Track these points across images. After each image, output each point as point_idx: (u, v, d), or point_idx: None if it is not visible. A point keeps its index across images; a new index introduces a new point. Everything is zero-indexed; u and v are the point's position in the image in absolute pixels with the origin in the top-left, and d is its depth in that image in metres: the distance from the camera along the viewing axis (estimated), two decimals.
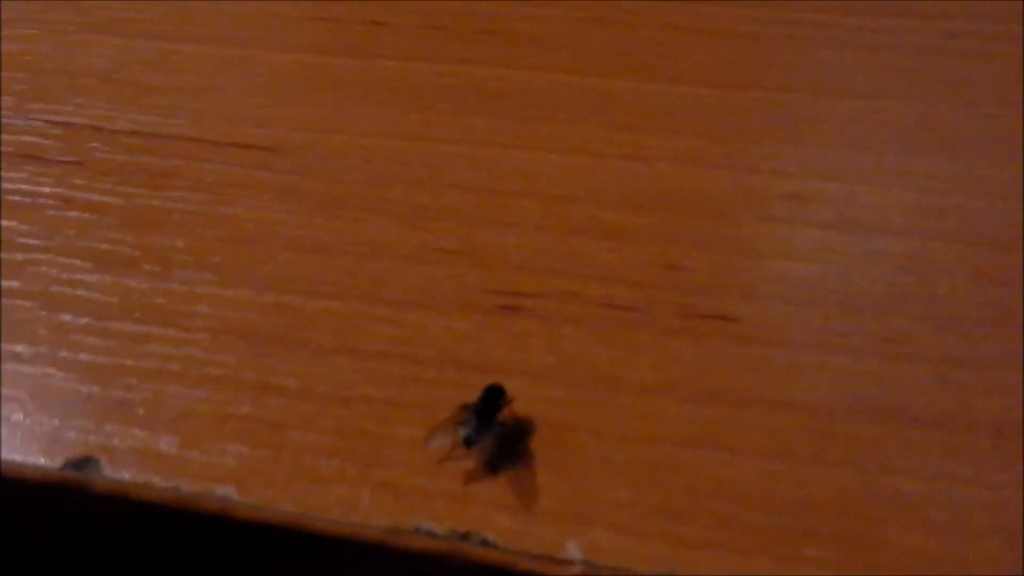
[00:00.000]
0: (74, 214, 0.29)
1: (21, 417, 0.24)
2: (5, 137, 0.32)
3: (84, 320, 0.26)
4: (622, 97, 0.33)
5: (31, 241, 0.29)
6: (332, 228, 0.29)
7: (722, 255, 0.28)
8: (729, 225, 0.28)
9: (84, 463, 0.23)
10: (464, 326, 0.26)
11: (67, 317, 0.26)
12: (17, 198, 0.30)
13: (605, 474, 0.23)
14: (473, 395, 0.23)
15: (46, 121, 0.33)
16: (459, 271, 0.27)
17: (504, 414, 0.23)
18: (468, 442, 0.22)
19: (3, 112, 0.33)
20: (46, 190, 0.30)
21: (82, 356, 0.26)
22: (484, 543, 0.21)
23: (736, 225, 0.28)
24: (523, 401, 0.24)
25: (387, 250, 0.28)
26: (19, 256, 0.28)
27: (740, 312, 0.26)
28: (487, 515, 0.22)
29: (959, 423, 0.23)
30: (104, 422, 0.24)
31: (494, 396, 0.23)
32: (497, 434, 0.23)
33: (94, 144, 0.32)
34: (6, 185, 0.30)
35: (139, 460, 0.23)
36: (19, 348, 0.26)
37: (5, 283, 0.28)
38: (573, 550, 0.21)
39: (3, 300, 0.27)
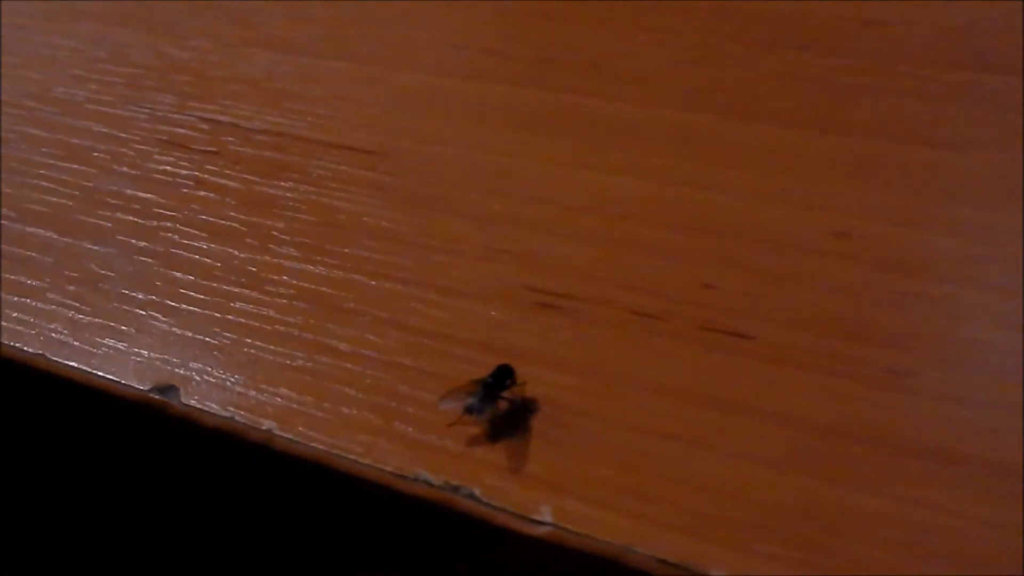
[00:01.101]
0: (202, 193, 0.35)
1: (124, 347, 0.29)
2: (163, 128, 0.38)
3: (191, 278, 0.31)
4: (700, 131, 0.35)
5: (164, 212, 0.34)
6: (411, 223, 0.32)
7: (757, 281, 0.29)
8: (773, 255, 0.30)
9: (166, 389, 0.28)
10: (502, 316, 0.29)
11: (178, 274, 0.31)
12: (160, 177, 0.36)
13: (593, 454, 0.25)
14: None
15: (198, 117, 0.39)
16: (510, 269, 0.30)
17: (513, 392, 0.26)
18: (471, 410, 0.25)
19: (167, 108, 0.39)
20: (184, 172, 0.36)
21: (183, 306, 0.30)
22: (470, 496, 0.24)
23: (780, 255, 0.30)
24: (536, 384, 0.26)
25: (452, 246, 0.31)
26: (153, 223, 0.34)
27: (758, 332, 0.27)
28: (479, 474, 0.25)
29: (940, 456, 0.24)
30: (188, 359, 0.29)
31: (503, 374, 0.26)
32: (501, 407, 0.26)
33: (230, 138, 0.37)
34: (154, 166, 0.36)
35: (209, 392, 0.28)
36: (137, 295, 0.31)
37: (138, 243, 0.33)
38: (545, 513, 0.24)
39: (133, 256, 0.32)
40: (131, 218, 0.34)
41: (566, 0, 0.44)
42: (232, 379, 0.28)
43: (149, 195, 0.35)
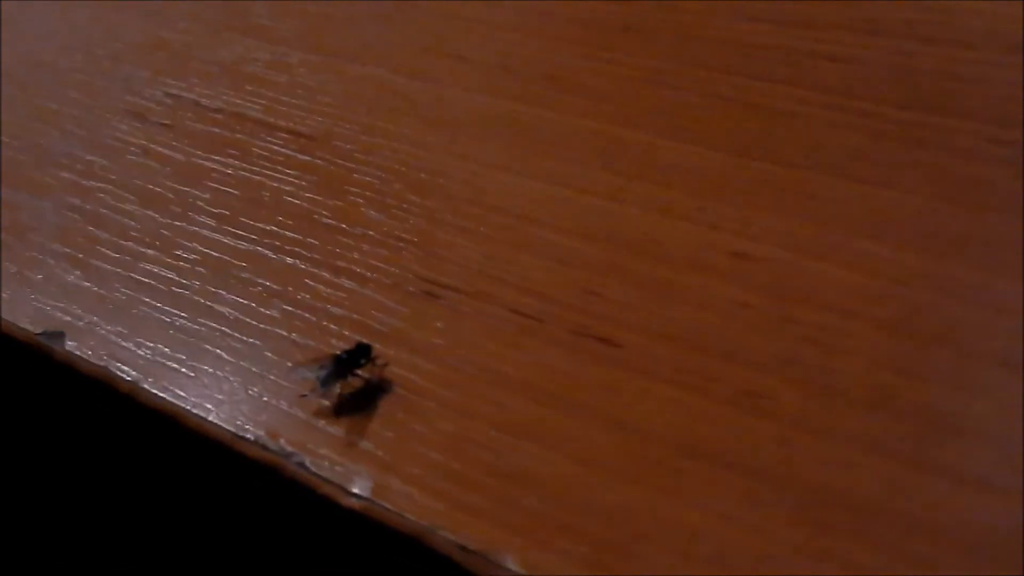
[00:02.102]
0: (144, 161, 0.36)
1: (28, 292, 0.31)
2: (129, 99, 0.40)
3: (109, 236, 0.33)
4: (632, 147, 0.35)
5: (105, 174, 0.36)
6: (329, 206, 0.33)
7: (641, 292, 0.29)
8: (665, 269, 0.30)
9: (54, 335, 0.29)
10: (386, 300, 0.29)
11: (99, 232, 0.33)
12: (112, 143, 0.37)
13: (429, 438, 0.25)
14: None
15: (164, 92, 0.40)
16: (407, 258, 0.31)
17: (371, 371, 0.27)
18: (321, 383, 0.26)
19: (139, 82, 0.41)
20: (135, 141, 0.37)
21: (94, 261, 0.32)
22: (300, 464, 0.25)
23: (671, 270, 0.30)
24: (396, 367, 0.27)
25: (360, 230, 0.32)
26: (91, 183, 0.35)
27: (626, 340, 0.28)
28: (313, 444, 0.25)
29: (770, 479, 0.24)
30: (84, 311, 0.30)
31: (359, 353, 0.26)
32: (353, 384, 0.26)
33: (188, 114, 0.39)
34: (110, 133, 0.38)
35: (91, 342, 0.29)
36: (55, 246, 0.32)
37: (71, 200, 0.34)
38: (363, 487, 0.24)
39: (64, 212, 0.34)
40: (73, 177, 0.36)
41: (538, 15, 0.44)
42: (116, 332, 0.29)
43: (95, 158, 0.36)
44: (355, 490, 0.24)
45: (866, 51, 0.39)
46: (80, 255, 0.32)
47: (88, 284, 0.31)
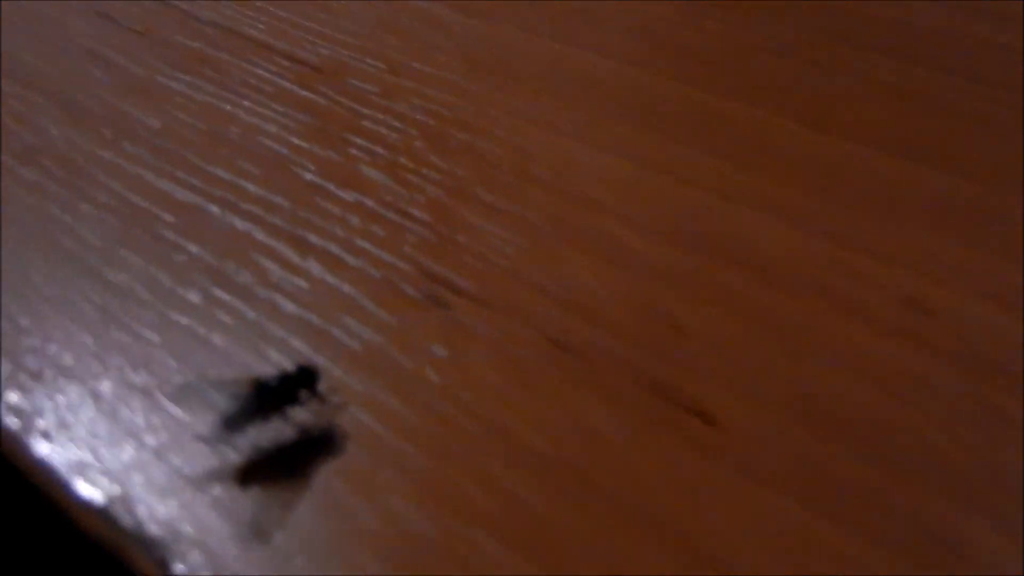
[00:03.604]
0: (93, 70, 0.27)
1: None
2: (106, 2, 0.31)
3: (15, 149, 0.23)
4: (743, 126, 0.25)
5: (44, 81, 0.26)
6: (319, 157, 0.23)
7: (747, 330, 0.19)
8: (783, 297, 0.19)
9: None
10: (369, 304, 0.19)
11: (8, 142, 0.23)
12: (70, 47, 0.28)
13: (389, 548, 0.15)
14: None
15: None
16: (414, 242, 0.21)
17: (313, 412, 0.16)
18: (225, 423, 0.16)
19: None
20: (95, 46, 0.28)
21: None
22: (158, 563, 0.14)
23: (793, 300, 0.19)
24: (361, 409, 0.17)
25: (354, 196, 0.22)
26: (27, 94, 0.26)
27: (725, 415, 0.17)
28: (193, 531, 0.15)
29: None
30: None
31: (298, 381, 0.16)
32: (273, 431, 0.16)
33: (168, 22, 0.29)
34: (76, 31, 0.28)
35: None
36: None
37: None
38: None
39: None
40: (16, 90, 0.26)
41: None
42: None
43: (42, 64, 0.27)
44: None
45: None
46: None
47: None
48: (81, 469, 0.16)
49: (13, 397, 0.17)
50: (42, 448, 0.16)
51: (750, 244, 0.20)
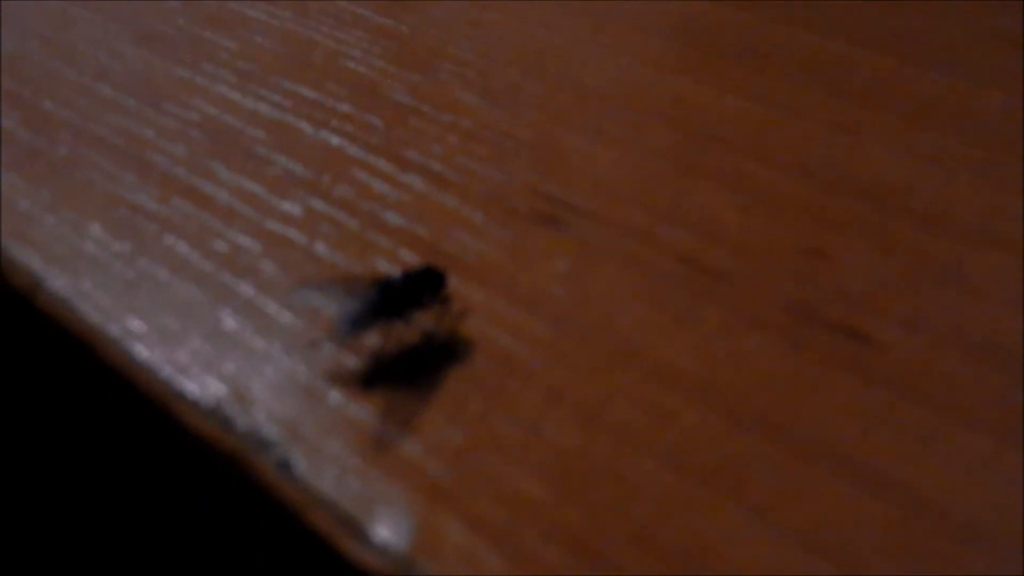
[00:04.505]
0: None
1: None
2: None
3: (84, 79, 0.22)
4: (866, 72, 0.23)
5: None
6: (405, 79, 0.22)
7: (899, 263, 0.17)
8: (940, 238, 0.18)
9: None
10: (475, 217, 0.18)
11: (72, 74, 0.22)
12: None
13: (527, 452, 0.13)
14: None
15: None
16: (520, 162, 0.19)
17: (437, 319, 0.15)
18: (345, 325, 0.14)
19: None
20: None
21: (44, 103, 0.21)
22: (282, 466, 0.13)
23: (947, 238, 0.18)
24: (484, 319, 0.15)
25: (447, 117, 0.21)
26: (92, 16, 0.25)
27: (883, 336, 0.16)
28: (315, 432, 0.14)
29: None
30: (9, 165, 0.19)
31: (424, 282, 0.15)
32: (399, 334, 0.15)
33: None
34: None
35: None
36: (22, 89, 0.22)
37: (56, 38, 0.24)
38: (396, 533, 0.12)
39: (29, 40, 0.23)
40: (85, 15, 0.25)
41: None
42: (37, 199, 0.18)
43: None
44: (378, 535, 0.12)
45: None
46: (27, 96, 0.21)
47: (30, 137, 0.20)
48: (191, 369, 0.14)
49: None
50: (145, 353, 0.15)
51: (890, 182, 0.19)
